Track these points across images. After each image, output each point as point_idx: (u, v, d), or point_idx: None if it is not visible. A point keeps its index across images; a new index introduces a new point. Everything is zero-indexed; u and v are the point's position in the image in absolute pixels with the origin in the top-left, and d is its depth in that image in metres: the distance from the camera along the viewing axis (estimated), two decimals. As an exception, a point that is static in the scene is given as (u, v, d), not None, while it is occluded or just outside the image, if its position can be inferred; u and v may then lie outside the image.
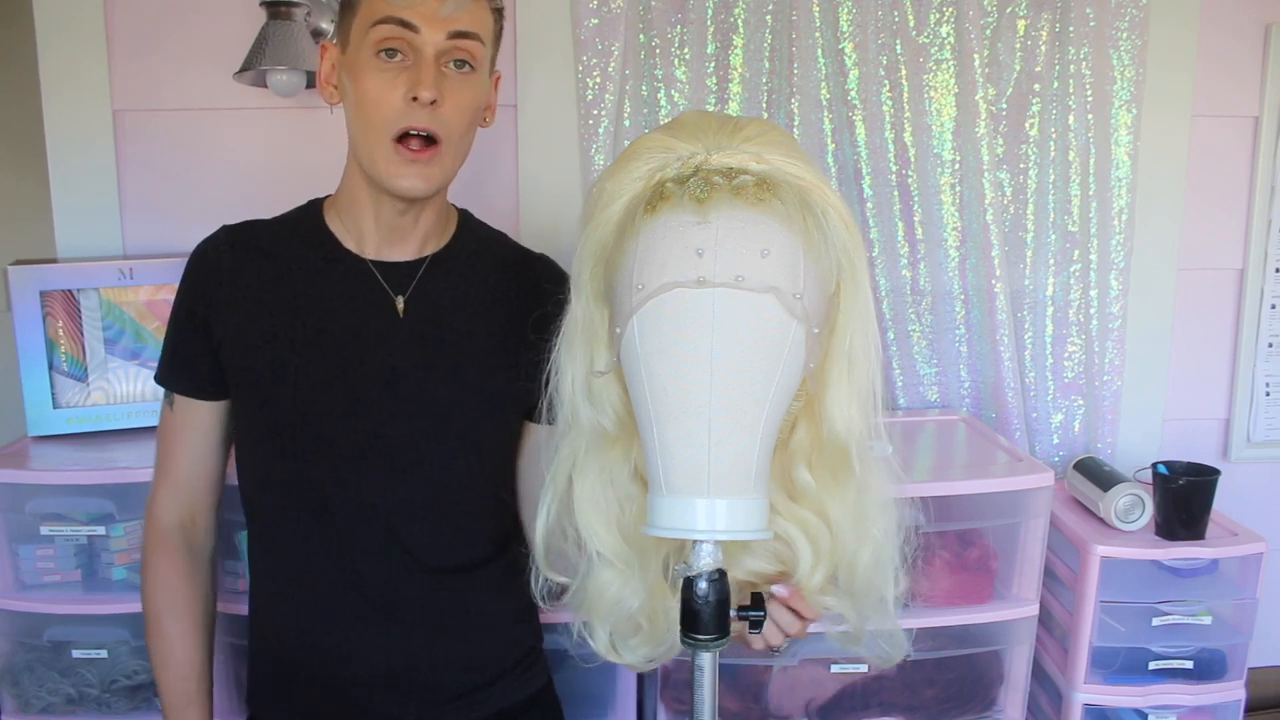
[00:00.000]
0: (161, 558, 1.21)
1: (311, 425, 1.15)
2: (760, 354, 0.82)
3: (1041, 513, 1.64)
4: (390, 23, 1.05)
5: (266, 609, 1.23)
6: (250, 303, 1.16)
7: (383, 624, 1.18)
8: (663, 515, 0.85)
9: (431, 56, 1.06)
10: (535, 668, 1.30)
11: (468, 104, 1.09)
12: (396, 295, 1.17)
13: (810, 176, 0.86)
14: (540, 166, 1.83)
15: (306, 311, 1.16)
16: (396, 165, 1.08)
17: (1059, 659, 1.75)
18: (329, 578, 1.17)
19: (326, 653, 1.18)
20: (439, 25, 1.05)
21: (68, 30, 1.73)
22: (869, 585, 0.95)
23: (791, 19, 1.79)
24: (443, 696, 1.20)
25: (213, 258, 1.18)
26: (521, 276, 1.23)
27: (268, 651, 1.24)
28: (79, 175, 1.77)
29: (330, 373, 1.15)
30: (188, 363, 1.19)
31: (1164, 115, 1.91)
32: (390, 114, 1.06)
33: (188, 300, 1.18)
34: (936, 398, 1.98)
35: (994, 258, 1.87)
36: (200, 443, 1.21)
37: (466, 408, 1.18)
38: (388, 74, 1.06)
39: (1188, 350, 2.01)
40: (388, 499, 1.16)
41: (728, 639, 0.89)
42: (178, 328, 1.20)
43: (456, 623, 1.20)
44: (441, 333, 1.18)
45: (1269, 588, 1.81)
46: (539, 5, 1.78)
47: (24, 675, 1.59)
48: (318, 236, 1.18)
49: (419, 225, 1.18)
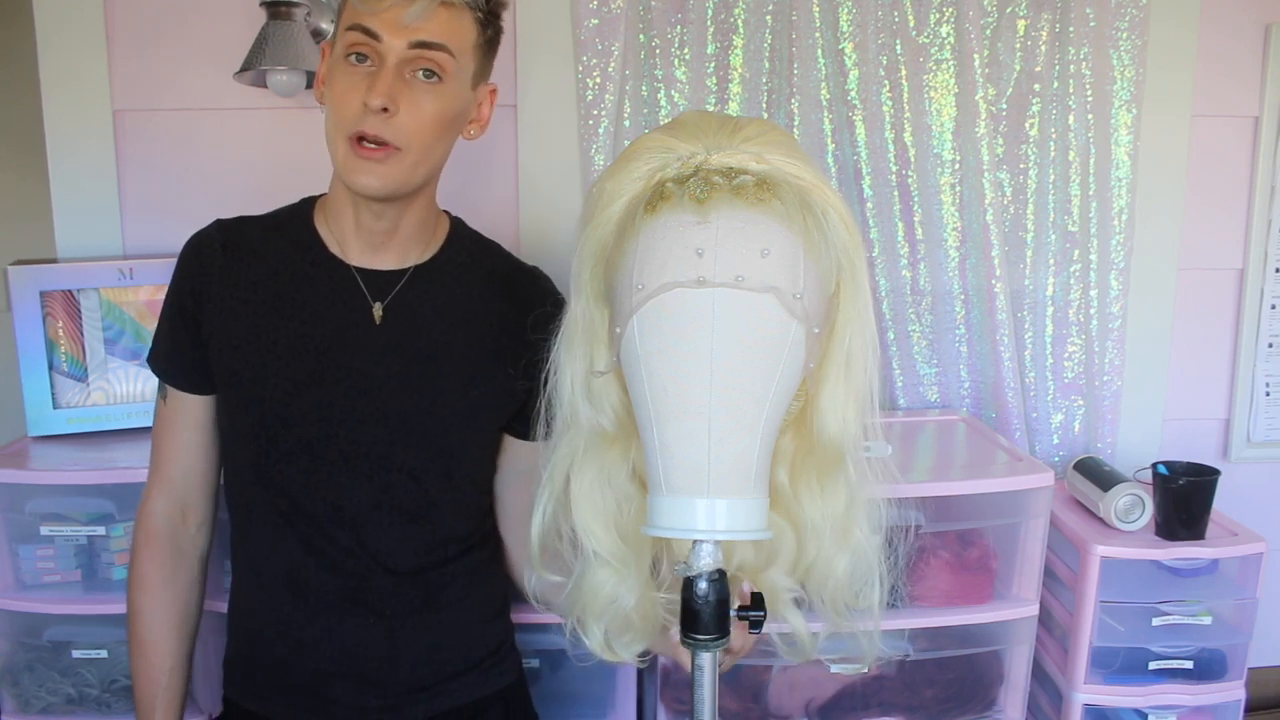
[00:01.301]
0: (146, 557, 1.22)
1: (288, 428, 1.16)
2: (760, 354, 0.82)
3: (1041, 513, 1.64)
4: (357, 30, 1.06)
5: (240, 595, 1.26)
6: (237, 302, 1.17)
7: (343, 616, 1.19)
8: (663, 515, 0.85)
9: (392, 65, 1.06)
10: (504, 664, 1.30)
11: (430, 114, 1.08)
12: (375, 302, 1.17)
13: (810, 176, 0.86)
14: (540, 166, 1.83)
15: (289, 314, 1.16)
16: (353, 162, 1.08)
17: (1059, 659, 1.75)
18: (296, 573, 1.19)
19: (291, 641, 1.21)
20: (401, 34, 1.05)
21: (68, 30, 1.73)
22: (843, 590, 0.95)
23: (791, 19, 1.79)
24: (401, 688, 1.22)
25: (205, 253, 1.18)
26: (507, 289, 1.23)
27: (241, 636, 1.26)
28: (79, 175, 1.77)
29: (309, 377, 1.15)
30: (179, 356, 1.20)
31: (1164, 115, 1.91)
32: (349, 115, 1.07)
33: (179, 294, 1.19)
34: (936, 398, 1.98)
35: (994, 258, 1.87)
36: (193, 436, 1.22)
37: (439, 417, 1.19)
38: (353, 77, 1.07)
39: (1188, 350, 2.01)
40: (355, 504, 1.18)
41: (728, 639, 0.90)
42: (169, 321, 1.20)
43: (417, 619, 1.22)
44: (418, 342, 1.18)
45: (1269, 588, 1.81)
46: (539, 5, 1.78)
47: (24, 675, 1.59)
48: (305, 239, 1.19)
49: (399, 233, 1.18)
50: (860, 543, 0.94)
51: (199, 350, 1.18)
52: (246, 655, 1.26)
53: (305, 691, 1.21)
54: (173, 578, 1.23)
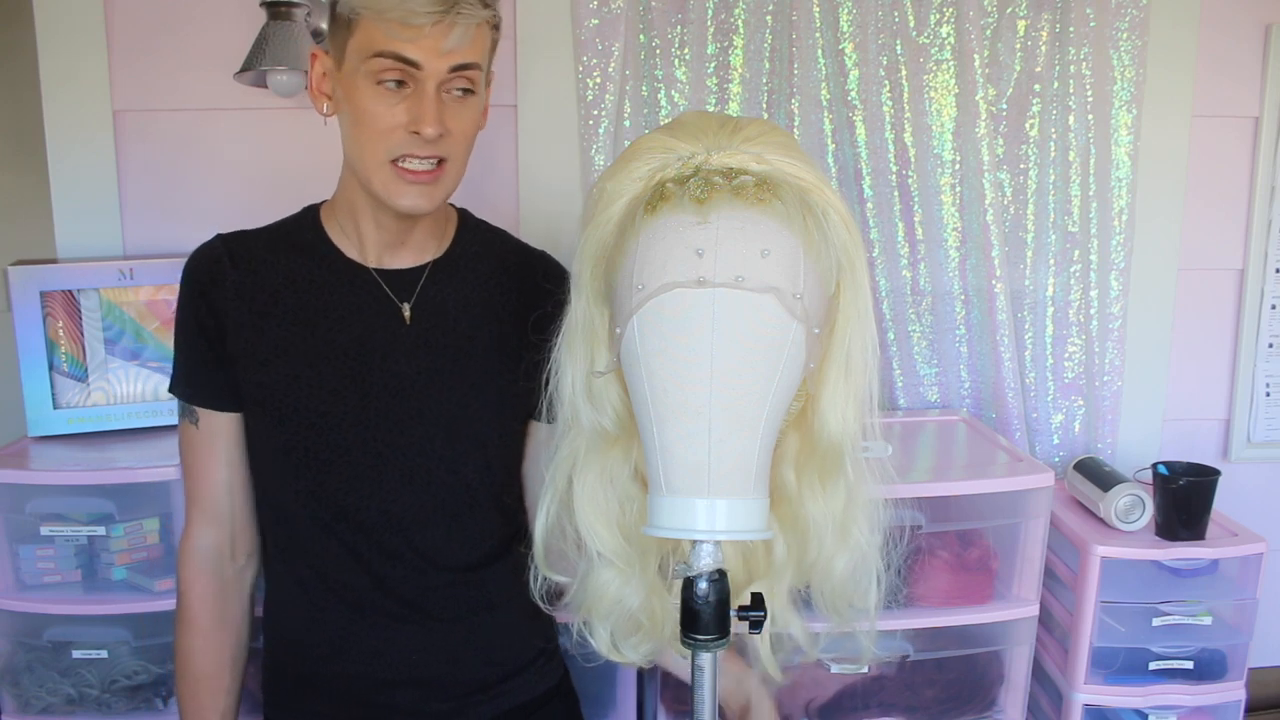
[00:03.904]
0: (194, 598, 1.19)
1: (326, 436, 1.15)
2: (760, 354, 0.82)
3: (1041, 513, 1.64)
4: (391, 57, 1.03)
5: (284, 613, 1.23)
6: (257, 316, 1.15)
7: (403, 624, 1.19)
8: (663, 515, 0.85)
9: (433, 89, 1.05)
10: (554, 660, 1.31)
11: (470, 126, 1.10)
12: (402, 303, 1.17)
13: (810, 177, 0.86)
14: (540, 166, 1.83)
15: (315, 323, 1.15)
16: (397, 185, 1.08)
17: (1059, 659, 1.75)
18: (353, 583, 1.17)
19: (354, 656, 1.19)
20: (442, 60, 1.04)
21: (68, 30, 1.73)
22: (843, 591, 0.95)
23: (791, 19, 1.79)
24: (463, 690, 1.22)
25: (213, 268, 1.16)
26: (522, 276, 1.23)
27: (287, 654, 1.23)
28: (79, 175, 1.77)
29: (343, 383, 1.15)
30: (206, 376, 1.17)
31: (1164, 115, 1.91)
32: (392, 141, 1.06)
33: (194, 312, 1.16)
34: (936, 398, 1.98)
35: (994, 258, 1.87)
36: (234, 454, 1.19)
37: (473, 411, 1.19)
38: (388, 100, 1.05)
39: (1188, 350, 2.01)
40: (401, 506, 1.17)
41: (728, 639, 0.90)
42: (189, 341, 1.17)
43: (475, 618, 1.22)
44: (446, 337, 1.18)
45: (1269, 588, 1.81)
46: (539, 5, 1.78)
47: (24, 675, 1.59)
48: (320, 246, 1.18)
49: (417, 232, 1.18)
50: (859, 542, 0.94)
51: (226, 367, 1.15)
52: (298, 674, 1.23)
53: (368, 704, 1.20)
54: (224, 617, 1.20)
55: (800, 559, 0.96)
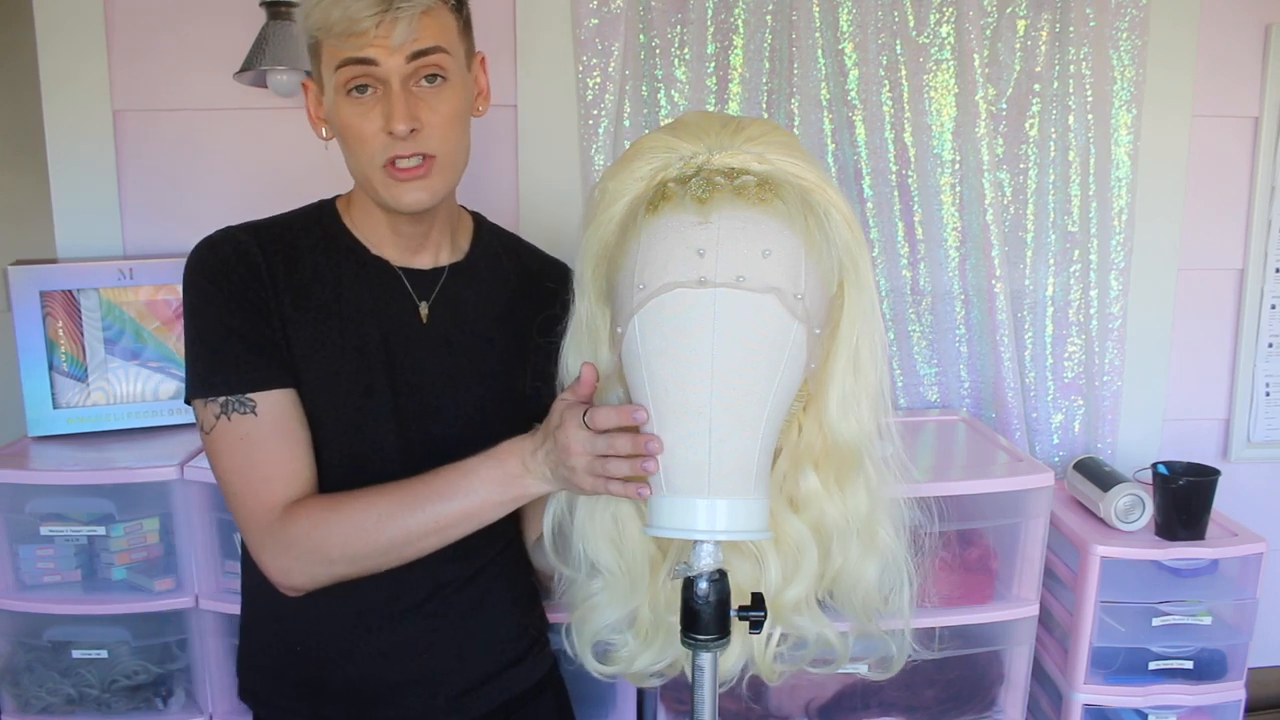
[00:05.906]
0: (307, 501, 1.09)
1: (361, 432, 1.14)
2: (761, 354, 0.82)
3: (1041, 513, 1.64)
4: (350, 64, 1.04)
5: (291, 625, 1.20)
6: (288, 307, 1.12)
7: (412, 625, 1.18)
8: (663, 515, 0.85)
9: (398, 85, 1.05)
10: (545, 649, 1.32)
11: (449, 114, 1.08)
12: (421, 302, 1.17)
13: (812, 176, 0.86)
14: (540, 166, 1.83)
15: (347, 316, 1.14)
16: (394, 187, 1.07)
17: (1059, 659, 1.75)
18: (363, 585, 1.13)
19: (361, 660, 1.18)
20: (397, 53, 1.04)
21: (68, 30, 1.73)
22: (874, 596, 0.95)
23: (791, 19, 1.79)
24: (467, 684, 1.22)
25: (247, 255, 1.11)
26: (539, 283, 1.23)
27: (289, 665, 1.21)
28: (79, 175, 1.77)
29: (375, 379, 1.14)
30: (261, 355, 1.10)
31: (1164, 115, 1.91)
32: (375, 148, 1.06)
33: (233, 295, 1.09)
34: (936, 398, 1.99)
35: (994, 258, 1.87)
36: (302, 433, 1.11)
37: (490, 411, 1.19)
38: (361, 108, 1.06)
39: (1188, 350, 2.01)
40: None
41: (728, 639, 0.90)
42: (231, 326, 1.09)
43: (480, 615, 1.22)
44: (464, 339, 1.18)
45: (1269, 588, 1.81)
46: (539, 5, 1.78)
47: (24, 675, 1.59)
48: (344, 240, 1.17)
49: (431, 235, 1.18)
50: (888, 545, 0.94)
51: (282, 340, 1.10)
52: (301, 678, 1.21)
53: (376, 702, 1.19)
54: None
55: (824, 566, 0.95)
